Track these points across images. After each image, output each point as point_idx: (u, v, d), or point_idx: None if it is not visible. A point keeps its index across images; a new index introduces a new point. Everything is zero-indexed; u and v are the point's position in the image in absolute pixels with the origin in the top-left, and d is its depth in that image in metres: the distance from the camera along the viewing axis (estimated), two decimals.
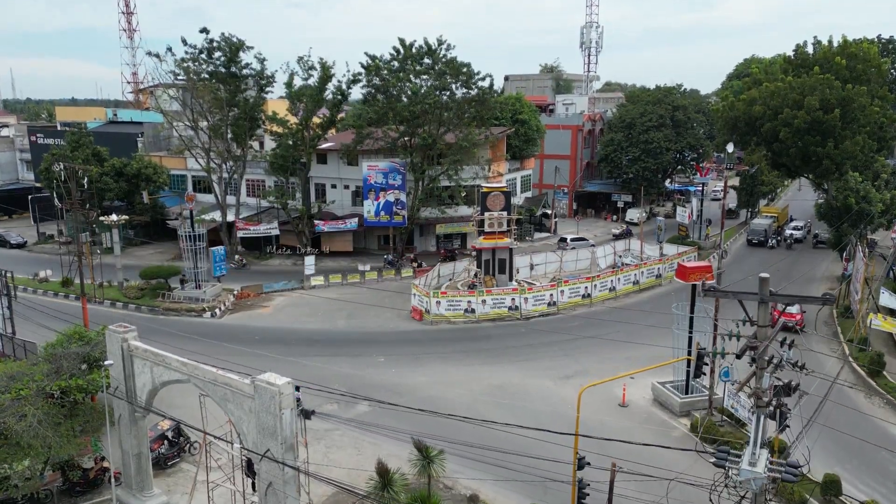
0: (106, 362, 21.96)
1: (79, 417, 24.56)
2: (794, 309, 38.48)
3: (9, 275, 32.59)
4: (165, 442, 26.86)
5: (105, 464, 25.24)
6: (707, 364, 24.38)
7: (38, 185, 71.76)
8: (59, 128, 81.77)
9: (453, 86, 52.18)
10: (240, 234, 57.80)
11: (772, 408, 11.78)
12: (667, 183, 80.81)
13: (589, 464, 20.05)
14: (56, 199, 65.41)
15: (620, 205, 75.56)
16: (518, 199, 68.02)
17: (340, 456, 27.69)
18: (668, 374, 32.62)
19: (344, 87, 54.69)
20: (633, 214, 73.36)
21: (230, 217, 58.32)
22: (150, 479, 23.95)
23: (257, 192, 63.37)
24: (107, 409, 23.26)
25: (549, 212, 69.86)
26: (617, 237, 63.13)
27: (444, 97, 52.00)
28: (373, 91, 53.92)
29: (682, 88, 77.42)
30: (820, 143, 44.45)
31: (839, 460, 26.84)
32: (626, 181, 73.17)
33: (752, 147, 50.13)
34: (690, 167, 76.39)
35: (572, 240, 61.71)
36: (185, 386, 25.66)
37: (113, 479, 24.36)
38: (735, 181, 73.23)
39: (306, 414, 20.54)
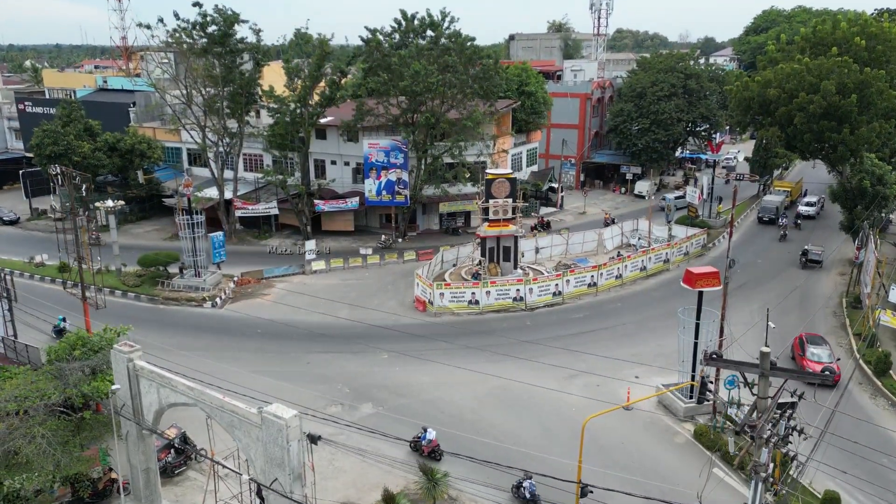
0: (113, 387, 22.76)
1: (86, 432, 25.60)
2: (825, 355, 33.53)
3: (9, 278, 33.20)
4: (172, 450, 27.92)
5: (113, 475, 26.34)
6: (710, 391, 25.18)
7: (28, 154, 71.84)
8: (47, 95, 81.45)
9: (457, 61, 51.78)
10: (238, 213, 58.26)
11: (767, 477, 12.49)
12: (677, 152, 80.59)
13: (592, 491, 20.99)
14: (52, 201, 65.58)
15: (629, 177, 75.63)
16: (524, 174, 68.17)
17: (345, 463, 28.69)
18: (673, 375, 33.43)
19: (343, 65, 54.40)
20: (642, 187, 73.64)
21: (228, 194, 58.65)
22: (158, 493, 25.06)
23: (255, 166, 63.59)
24: (113, 421, 24.21)
25: (556, 185, 70.03)
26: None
27: (448, 74, 51.68)
28: (374, 66, 53.66)
29: (696, 47, 76.50)
30: (835, 129, 44.45)
31: (841, 469, 27.82)
32: (636, 153, 73.08)
33: (766, 127, 50.14)
34: (702, 138, 76.19)
35: (676, 198, 63.55)
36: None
37: (122, 489, 25.56)
38: (748, 148, 73.09)
39: (312, 439, 21.39)
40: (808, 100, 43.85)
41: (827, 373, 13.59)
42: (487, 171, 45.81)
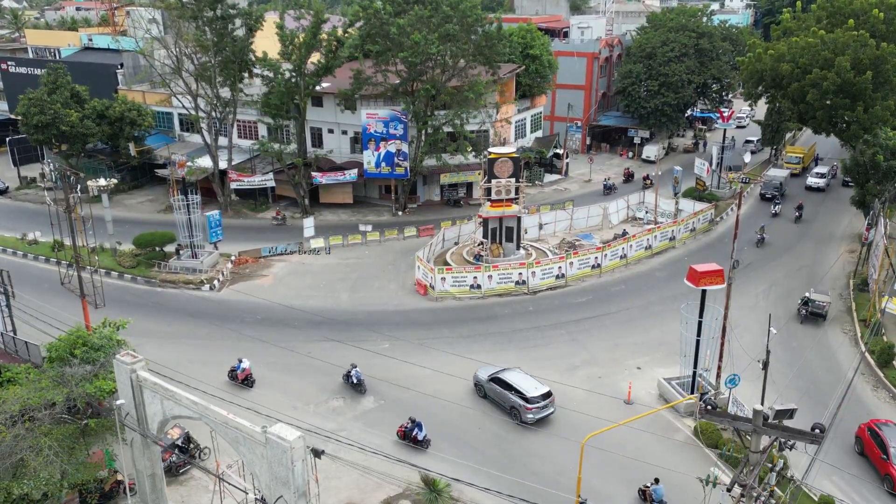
0: (117, 402, 23.77)
1: (91, 437, 26.77)
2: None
3: (7, 273, 34.01)
4: (176, 450, 29.18)
5: (119, 476, 27.67)
6: (709, 406, 26.17)
7: (13, 117, 71.77)
8: (31, 55, 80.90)
9: (458, 29, 51.39)
10: (233, 185, 58.67)
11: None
12: (688, 112, 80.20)
13: None
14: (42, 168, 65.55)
15: (637, 140, 75.58)
16: (527, 141, 68.23)
17: (347, 461, 29.96)
18: (675, 366, 34.43)
19: (340, 31, 54.08)
20: (650, 151, 73.64)
21: (222, 164, 58.91)
22: (164, 496, 26.35)
23: (250, 134, 63.67)
24: (118, 430, 25.32)
25: (561, 152, 70.11)
26: None
27: (448, 43, 51.42)
28: (372, 33, 53.36)
29: (710, 10, 75.54)
30: (849, 107, 44.55)
31: (838, 467, 29.05)
32: (644, 116, 72.86)
33: (777, 100, 50.27)
34: (713, 99, 75.88)
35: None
36: (193, 387, 27.82)
37: (128, 490, 26.93)
38: (762, 106, 72.77)
39: (316, 453, 22.50)
40: (822, 76, 43.83)
41: (819, 428, 14.20)
42: (490, 149, 45.98)
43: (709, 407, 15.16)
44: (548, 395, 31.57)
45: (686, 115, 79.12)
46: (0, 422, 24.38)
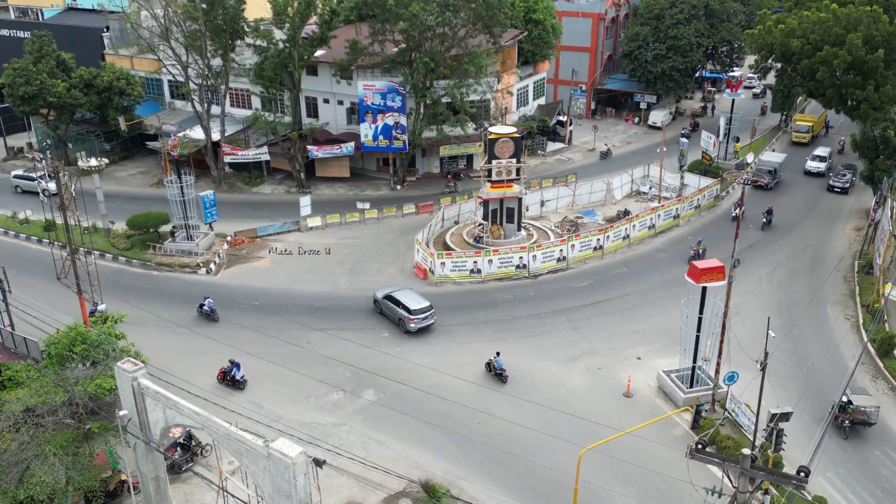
0: (120, 412, 24.75)
1: (94, 441, 27.91)
2: None
3: (3, 269, 34.75)
4: (178, 448, 30.40)
5: (123, 476, 28.92)
6: (704, 417, 27.18)
7: None
8: (12, 16, 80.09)
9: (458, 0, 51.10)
10: (227, 159, 58.92)
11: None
12: (696, 73, 79.73)
13: None
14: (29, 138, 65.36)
15: (643, 106, 75.39)
16: (530, 108, 68.15)
17: (348, 461, 31.15)
18: (675, 356, 35.37)
19: (334, 2, 53.71)
20: (657, 117, 73.59)
21: (215, 135, 59.01)
22: (168, 498, 27.62)
23: (243, 103, 63.60)
24: (120, 431, 26.39)
25: (564, 119, 70.08)
26: None
27: (448, 13, 51.14)
28: (369, 3, 53.10)
29: None
30: (860, 85, 44.75)
31: (834, 463, 30.26)
32: (650, 80, 72.54)
33: (787, 74, 50.34)
34: (723, 62, 75.45)
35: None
36: (195, 384, 28.79)
37: (132, 489, 28.18)
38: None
39: (318, 463, 23.61)
40: (833, 53, 43.89)
41: (804, 471, 14.86)
42: (490, 129, 46.23)
43: (699, 446, 16.02)
44: (428, 308, 38.01)
45: (695, 75, 78.66)
46: (4, 428, 25.51)
